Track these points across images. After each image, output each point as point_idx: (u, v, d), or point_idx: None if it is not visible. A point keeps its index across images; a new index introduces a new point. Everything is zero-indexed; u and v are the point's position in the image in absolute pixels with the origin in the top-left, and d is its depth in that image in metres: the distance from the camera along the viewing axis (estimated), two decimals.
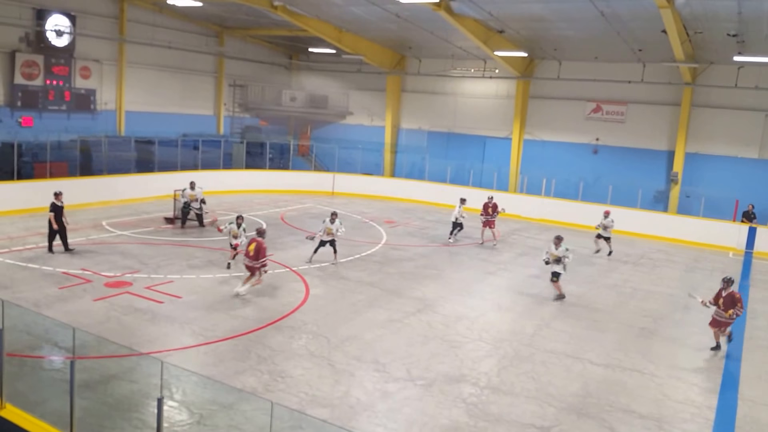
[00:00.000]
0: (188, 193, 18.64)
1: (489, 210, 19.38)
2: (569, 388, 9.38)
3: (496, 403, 8.74)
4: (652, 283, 16.13)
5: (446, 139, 29.52)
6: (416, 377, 9.37)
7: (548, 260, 13.86)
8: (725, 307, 10.92)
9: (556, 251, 13.70)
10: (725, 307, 10.92)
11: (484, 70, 27.59)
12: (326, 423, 7.73)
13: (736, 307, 10.81)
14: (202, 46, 28.37)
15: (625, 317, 13.11)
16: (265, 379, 8.96)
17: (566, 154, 26.44)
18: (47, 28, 21.91)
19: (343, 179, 27.89)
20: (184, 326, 10.77)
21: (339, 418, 7.96)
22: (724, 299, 10.95)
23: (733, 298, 10.87)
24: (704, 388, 9.64)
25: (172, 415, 7.69)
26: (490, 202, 19.44)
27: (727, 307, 10.90)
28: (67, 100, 23.13)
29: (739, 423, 8.59)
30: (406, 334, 11.15)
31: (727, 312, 10.90)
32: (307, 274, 14.47)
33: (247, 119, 31.95)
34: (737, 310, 10.82)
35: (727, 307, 10.91)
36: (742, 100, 22.65)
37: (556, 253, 13.69)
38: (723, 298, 10.98)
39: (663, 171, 24.65)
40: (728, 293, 10.95)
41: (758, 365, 10.85)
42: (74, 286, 12.45)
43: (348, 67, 31.00)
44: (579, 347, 11.11)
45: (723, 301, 10.96)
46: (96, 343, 9.40)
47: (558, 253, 13.69)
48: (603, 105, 25.71)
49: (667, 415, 8.68)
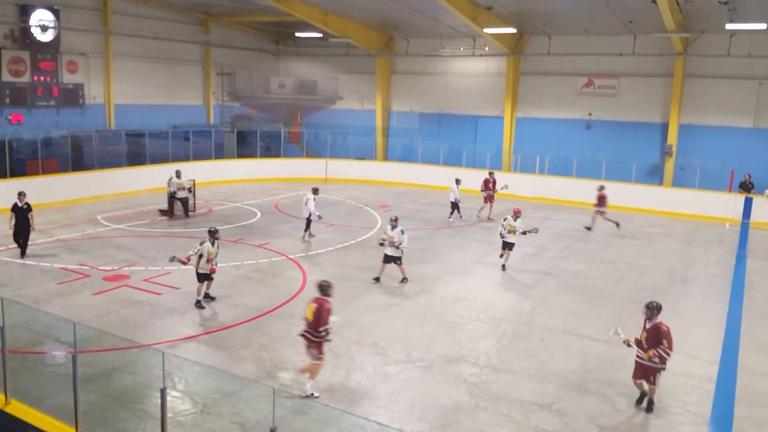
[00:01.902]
0: (175, 181, 18.56)
1: (490, 185, 19.79)
2: (569, 364, 9.45)
3: (497, 382, 8.80)
4: (649, 258, 16.18)
5: (438, 121, 29.39)
6: (416, 359, 9.43)
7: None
8: (648, 345, 7.87)
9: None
10: (648, 344, 7.88)
11: (474, 48, 27.38)
12: (328, 407, 7.81)
13: (662, 346, 7.73)
14: (188, 35, 28.07)
15: (623, 292, 13.17)
16: (267, 366, 9.01)
17: (559, 131, 26.35)
18: (31, 23, 21.64)
19: (335, 165, 27.80)
20: (184, 317, 10.80)
21: (341, 402, 8.02)
22: (648, 333, 7.95)
23: (659, 332, 7.80)
24: (704, 360, 9.69)
25: (176, 405, 7.73)
26: (491, 178, 19.88)
27: (649, 345, 7.83)
28: (55, 95, 22.94)
29: (738, 393, 8.66)
30: (404, 317, 11.20)
31: (647, 352, 7.81)
32: (304, 261, 14.48)
33: (237, 108, 31.75)
34: (662, 351, 7.72)
35: (650, 344, 7.84)
36: (735, 69, 22.50)
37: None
38: (646, 332, 7.98)
39: (657, 144, 24.61)
40: (653, 325, 7.92)
41: (756, 336, 10.89)
42: (73, 281, 12.46)
43: (336, 50, 30.72)
44: (577, 324, 11.17)
45: (646, 336, 7.95)
46: (97, 337, 9.44)
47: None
48: (595, 79, 25.58)
49: (667, 389, 8.71)
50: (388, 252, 12.90)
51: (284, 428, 6.70)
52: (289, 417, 7.42)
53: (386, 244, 12.86)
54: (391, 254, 12.89)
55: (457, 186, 19.54)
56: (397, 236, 12.73)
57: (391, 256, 12.89)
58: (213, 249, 11.16)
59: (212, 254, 11.14)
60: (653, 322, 7.92)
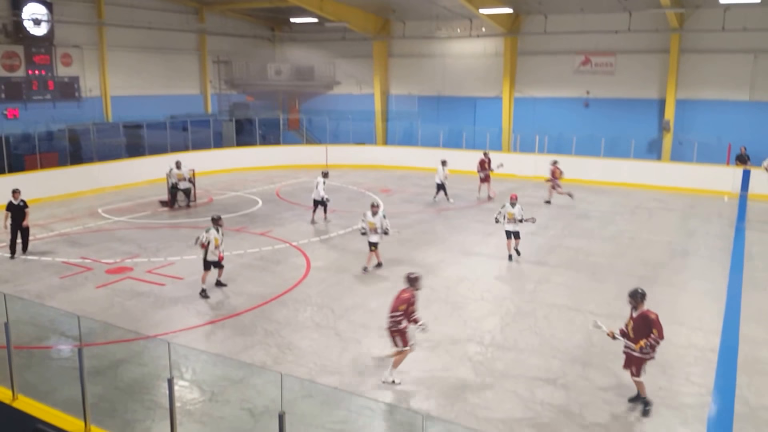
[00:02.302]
0: (175, 172, 18.56)
1: (486, 165, 19.83)
2: (572, 340, 9.53)
3: (501, 360, 8.89)
4: (649, 232, 16.24)
5: (437, 103, 29.26)
6: (422, 340, 9.48)
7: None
8: (635, 335, 7.47)
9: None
10: (635, 335, 7.46)
11: (471, 30, 27.17)
12: (336, 390, 7.89)
13: (652, 335, 7.32)
14: (183, 24, 27.85)
15: (624, 267, 13.23)
16: (274, 353, 9.08)
17: (557, 110, 26.27)
18: (24, 17, 21.44)
19: (336, 151, 27.73)
20: (189, 307, 10.86)
21: (348, 385, 8.11)
22: (634, 322, 7.51)
23: (647, 321, 7.38)
24: (706, 332, 9.77)
25: (185, 394, 7.81)
26: (486, 158, 20.04)
27: (638, 336, 7.42)
28: (51, 89, 22.81)
29: (740, 363, 8.73)
30: None
31: (637, 343, 7.40)
32: (307, 248, 14.52)
33: (234, 96, 31.58)
34: (653, 340, 7.33)
35: (638, 335, 7.43)
36: (731, 43, 22.40)
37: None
38: (633, 321, 7.52)
39: (655, 120, 24.54)
40: (639, 314, 7.47)
41: (757, 306, 10.97)
42: (75, 275, 12.50)
43: (332, 35, 30.48)
44: (580, 299, 11.25)
45: (633, 326, 7.52)
46: (102, 330, 9.50)
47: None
48: (592, 57, 25.44)
49: (671, 360, 8.83)
50: (373, 239, 12.61)
51: (293, 412, 6.77)
52: (298, 401, 7.49)
53: (369, 231, 12.54)
54: (376, 240, 12.63)
55: (443, 167, 19.61)
56: (379, 222, 12.45)
57: (375, 242, 12.60)
58: (219, 236, 11.25)
59: (219, 241, 11.21)
60: (640, 310, 7.44)
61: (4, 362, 6.89)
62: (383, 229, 12.50)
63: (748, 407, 7.65)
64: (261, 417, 7.29)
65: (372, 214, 12.48)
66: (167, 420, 6.15)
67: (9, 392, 6.98)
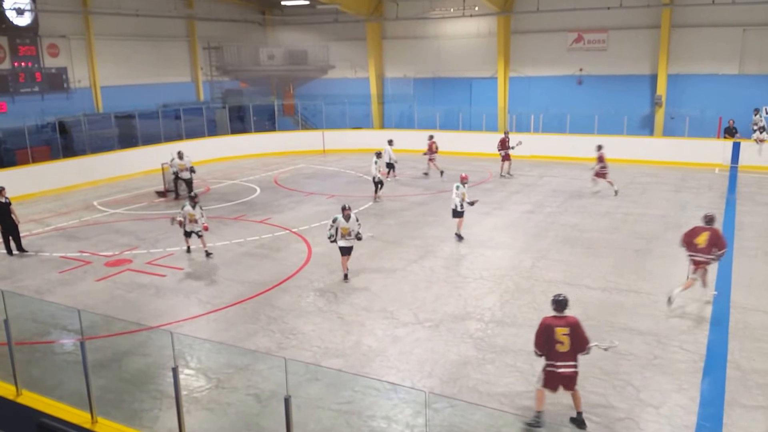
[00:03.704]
0: (177, 162, 18.47)
1: (507, 144, 20.58)
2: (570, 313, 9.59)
3: (501, 335, 9.02)
4: (643, 207, 16.37)
5: (432, 85, 29.13)
6: (424, 320, 9.61)
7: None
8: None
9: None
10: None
11: (464, 9, 26.96)
12: (341, 372, 7.99)
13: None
14: (171, 9, 27.39)
15: (618, 241, 13.38)
16: (278, 338, 9.16)
17: (552, 88, 26.21)
18: (6, 7, 20.95)
19: (332, 135, 27.62)
20: (190, 296, 10.90)
21: (353, 366, 8.21)
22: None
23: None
24: (699, 302, 9.93)
25: (190, 383, 7.88)
26: (506, 137, 20.81)
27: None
28: (38, 81, 22.47)
29: (731, 329, 8.99)
30: (411, 281, 11.35)
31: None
32: (307, 234, 14.55)
33: (227, 83, 31.30)
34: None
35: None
36: (720, 17, 22.46)
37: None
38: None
39: (647, 95, 24.56)
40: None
41: (747, 274, 11.17)
42: (74, 269, 12.48)
43: (324, 17, 30.16)
44: (576, 274, 11.39)
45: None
46: (104, 323, 9.51)
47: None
48: (584, 34, 25.36)
49: (665, 329, 9.04)
50: (342, 243, 11.26)
51: (299, 395, 6.86)
52: (304, 384, 7.59)
53: (339, 236, 11.19)
54: (347, 245, 11.30)
55: (389, 147, 20.35)
56: (353, 225, 11.19)
57: (349, 247, 11.31)
58: (194, 211, 12.59)
59: (194, 215, 12.59)
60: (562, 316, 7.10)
61: (7, 358, 6.89)
62: (356, 234, 11.26)
63: (740, 371, 7.86)
64: (268, 402, 7.38)
65: (345, 218, 11.15)
66: (174, 408, 6.20)
67: (13, 388, 6.96)
